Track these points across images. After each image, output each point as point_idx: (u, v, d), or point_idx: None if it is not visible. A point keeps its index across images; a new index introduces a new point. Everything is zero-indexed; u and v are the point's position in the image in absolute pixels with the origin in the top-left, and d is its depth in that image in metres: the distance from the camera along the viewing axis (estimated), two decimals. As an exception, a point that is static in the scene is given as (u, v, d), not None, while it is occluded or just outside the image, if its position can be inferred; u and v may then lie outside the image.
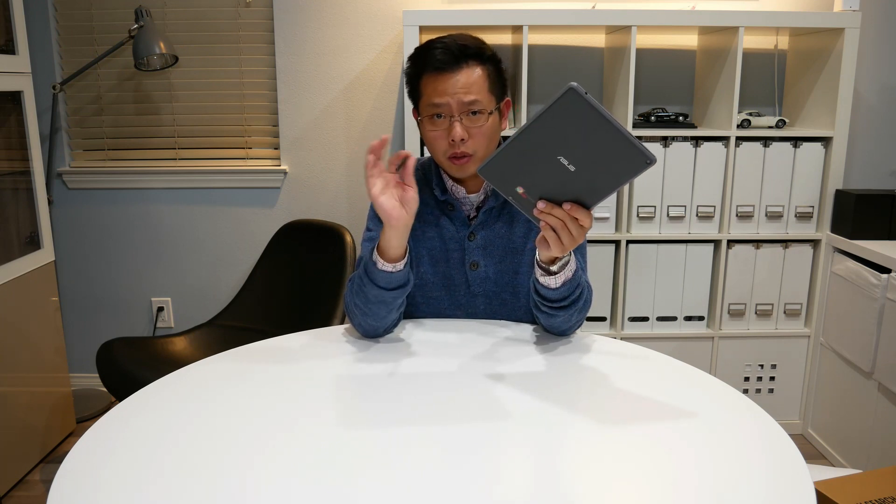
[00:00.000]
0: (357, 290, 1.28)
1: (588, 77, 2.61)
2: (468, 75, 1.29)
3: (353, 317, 1.32)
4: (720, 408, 1.03)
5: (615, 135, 0.97)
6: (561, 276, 1.23)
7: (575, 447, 0.91)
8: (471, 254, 1.40)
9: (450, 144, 1.30)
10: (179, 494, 0.81)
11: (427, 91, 1.31)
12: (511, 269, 1.40)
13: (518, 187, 1.07)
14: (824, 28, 2.33)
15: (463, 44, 1.29)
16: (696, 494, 0.81)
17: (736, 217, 2.41)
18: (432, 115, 1.31)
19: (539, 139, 1.01)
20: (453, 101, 1.28)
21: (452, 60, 1.28)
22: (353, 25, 2.60)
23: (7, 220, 2.21)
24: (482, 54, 1.31)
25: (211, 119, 2.70)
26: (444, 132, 1.30)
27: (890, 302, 2.04)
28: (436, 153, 1.35)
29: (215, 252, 2.79)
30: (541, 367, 1.18)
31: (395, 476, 0.85)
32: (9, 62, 2.12)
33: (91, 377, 2.88)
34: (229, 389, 1.09)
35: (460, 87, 1.28)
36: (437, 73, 1.29)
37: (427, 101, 1.31)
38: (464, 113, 1.29)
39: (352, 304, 1.31)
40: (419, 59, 1.32)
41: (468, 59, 1.29)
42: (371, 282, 1.26)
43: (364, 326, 1.31)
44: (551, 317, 1.29)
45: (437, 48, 1.29)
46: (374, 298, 1.26)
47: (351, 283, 1.32)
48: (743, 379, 2.52)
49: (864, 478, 1.40)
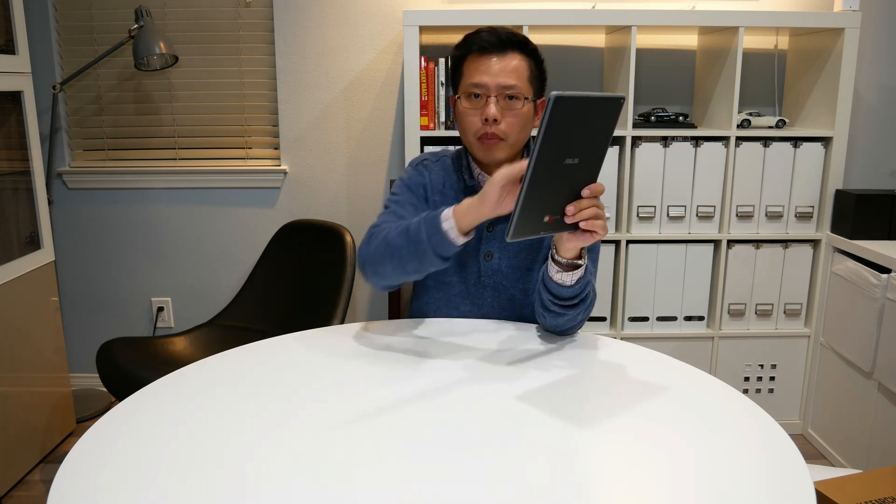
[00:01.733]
0: (400, 245, 1.24)
1: (588, 77, 2.61)
2: (510, 60, 1.33)
3: (372, 259, 1.29)
4: (720, 408, 1.03)
5: (596, 103, 1.01)
6: (577, 272, 1.23)
7: (574, 447, 0.91)
8: (487, 244, 1.41)
9: (483, 123, 1.33)
10: (179, 494, 0.81)
11: (468, 71, 1.35)
12: (524, 266, 1.41)
13: (544, 217, 1.08)
14: (824, 28, 2.33)
15: (510, 32, 1.35)
16: (695, 494, 0.81)
17: (736, 217, 2.41)
18: (470, 94, 1.34)
19: (546, 165, 1.01)
20: (492, 82, 1.31)
21: (498, 44, 1.33)
22: (353, 25, 2.60)
23: (7, 220, 2.21)
24: (526, 46, 1.35)
25: (211, 119, 2.70)
26: (478, 111, 1.33)
27: (890, 302, 2.04)
28: (466, 133, 1.37)
29: (215, 252, 2.79)
30: (540, 367, 1.18)
31: (396, 476, 0.85)
32: (9, 62, 2.12)
33: (91, 377, 2.88)
34: (229, 389, 1.09)
35: (501, 69, 1.32)
36: (480, 55, 1.33)
37: (467, 80, 1.35)
38: (500, 95, 1.32)
39: (381, 251, 1.27)
40: (466, 42, 1.36)
41: (513, 47, 1.33)
42: (428, 243, 1.21)
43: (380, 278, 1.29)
44: (558, 316, 1.29)
45: (484, 32, 1.34)
46: (421, 257, 1.22)
47: (387, 232, 1.27)
48: (743, 379, 2.52)
49: (864, 478, 1.40)
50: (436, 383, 1.11)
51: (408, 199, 1.43)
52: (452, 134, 2.33)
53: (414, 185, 1.45)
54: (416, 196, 1.44)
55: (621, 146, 2.36)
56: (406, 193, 1.44)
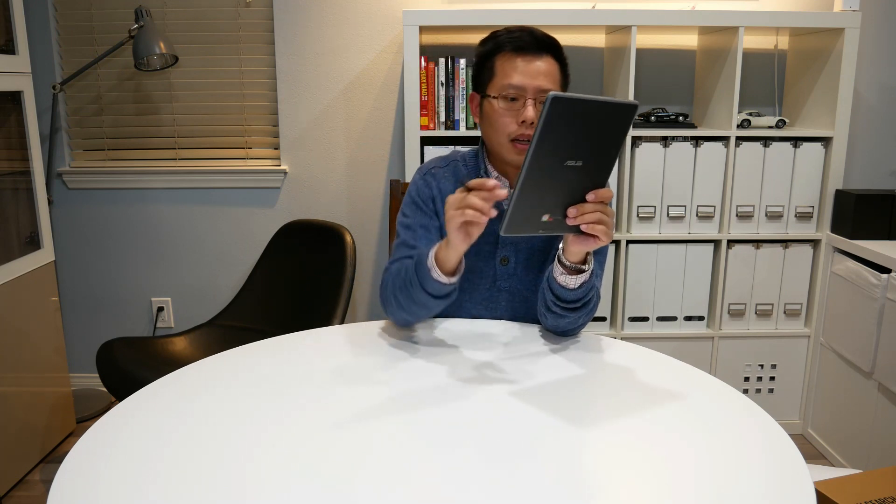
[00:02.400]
0: (401, 287, 1.27)
1: (588, 77, 2.61)
2: (548, 64, 1.31)
3: (390, 307, 1.31)
4: (720, 408, 1.03)
5: (602, 107, 1.00)
6: (581, 276, 1.23)
7: (574, 447, 0.91)
8: (503, 248, 1.40)
9: (518, 125, 1.31)
10: (179, 494, 0.81)
11: (504, 70, 1.32)
12: (536, 268, 1.40)
13: (543, 217, 1.07)
14: (824, 28, 2.33)
15: (544, 33, 1.33)
16: (695, 494, 0.81)
17: (736, 217, 2.41)
18: (507, 96, 1.31)
19: (543, 164, 1.01)
20: (530, 85, 1.30)
21: (536, 46, 1.31)
22: (353, 25, 2.60)
23: (7, 220, 2.21)
24: (560, 52, 1.34)
25: (211, 119, 2.70)
26: (514, 113, 1.31)
27: (890, 302, 2.04)
28: (499, 134, 1.34)
29: (215, 252, 2.79)
30: (540, 367, 1.18)
31: (397, 477, 0.85)
32: (9, 62, 2.12)
33: (91, 377, 2.88)
34: (229, 389, 1.09)
35: (540, 72, 1.30)
36: (518, 54, 1.31)
37: (504, 80, 1.31)
38: (537, 99, 1.31)
39: (391, 296, 1.30)
40: (497, 38, 1.34)
41: (549, 50, 1.32)
42: (421, 287, 1.24)
43: (399, 320, 1.32)
44: (561, 318, 1.29)
45: (517, 31, 1.32)
46: (419, 301, 1.25)
47: (393, 275, 1.30)
48: (743, 379, 2.52)
49: (864, 478, 1.40)
50: (436, 383, 1.11)
51: (418, 222, 1.40)
52: (452, 134, 2.33)
53: (422, 201, 1.42)
54: (426, 213, 1.41)
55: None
56: (416, 214, 1.41)
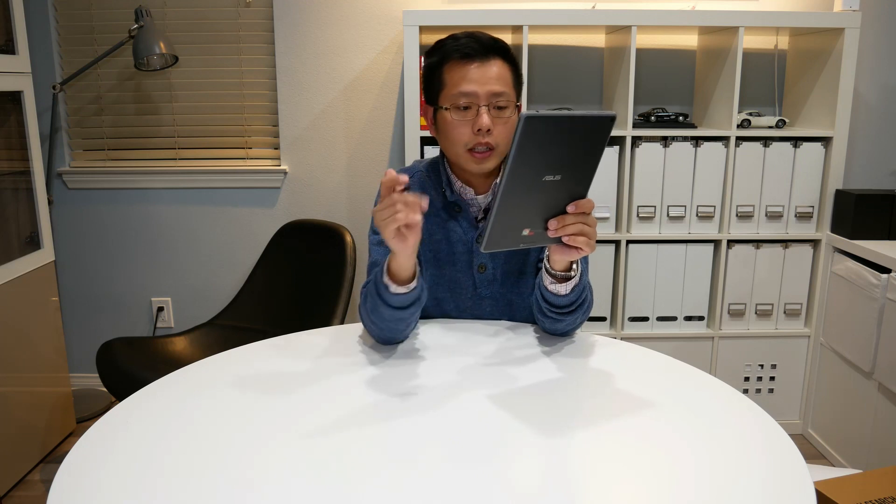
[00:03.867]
0: (372, 308, 1.24)
1: (588, 77, 2.61)
2: (495, 67, 1.27)
3: (369, 327, 1.28)
4: (720, 408, 1.03)
5: (578, 122, 1.00)
6: (570, 282, 1.23)
7: (574, 447, 0.91)
8: (479, 257, 1.38)
9: (474, 134, 1.27)
10: (179, 494, 0.81)
11: (453, 80, 1.27)
12: (516, 270, 1.39)
13: (523, 231, 1.07)
14: (824, 28, 2.33)
15: (491, 37, 1.29)
16: (695, 494, 0.81)
17: (736, 217, 2.41)
18: (458, 106, 1.27)
19: (520, 182, 1.01)
20: (482, 91, 1.26)
21: (482, 50, 1.26)
22: (353, 25, 2.60)
23: (7, 220, 2.21)
24: (508, 52, 1.31)
25: (211, 119, 2.70)
26: (468, 122, 1.27)
27: (890, 302, 2.04)
28: (455, 145, 1.30)
29: (215, 252, 2.79)
30: (540, 367, 1.18)
31: (396, 476, 0.85)
32: (9, 62, 2.12)
33: (91, 377, 2.88)
34: (229, 389, 1.09)
35: (490, 77, 1.26)
36: (465, 62, 1.27)
37: (453, 90, 1.27)
38: (491, 104, 1.27)
39: (367, 318, 1.27)
40: (443, 48, 1.29)
41: (497, 53, 1.28)
42: (385, 303, 1.21)
43: (381, 338, 1.28)
44: (557, 322, 1.29)
45: (463, 38, 1.28)
46: (390, 317, 1.23)
47: (364, 297, 1.27)
48: (743, 379, 2.52)
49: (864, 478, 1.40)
50: (436, 384, 1.11)
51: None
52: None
53: None
54: None
55: (621, 146, 2.36)
56: None
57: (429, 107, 1.35)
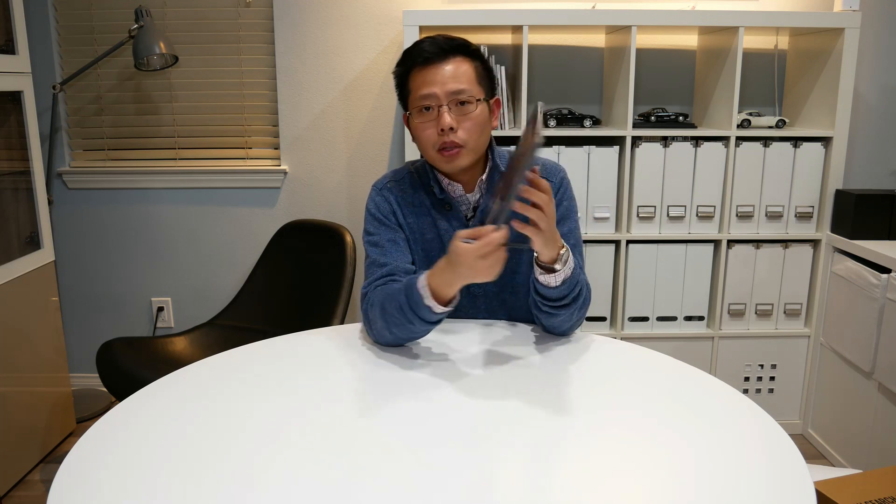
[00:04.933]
0: (398, 321, 1.23)
1: (588, 77, 2.61)
2: (455, 66, 1.30)
3: (380, 333, 1.27)
4: (720, 408, 1.03)
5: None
6: (561, 274, 1.23)
7: (575, 447, 0.91)
8: None
9: (439, 134, 1.30)
10: (179, 494, 0.81)
11: (415, 84, 1.31)
12: (509, 269, 1.39)
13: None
14: (824, 28, 2.33)
15: (449, 37, 1.32)
16: (695, 494, 0.81)
17: (736, 217, 2.40)
18: (420, 108, 1.31)
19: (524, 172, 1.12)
20: (441, 91, 1.28)
21: (440, 52, 1.30)
22: (353, 25, 2.60)
23: (7, 220, 2.21)
24: (468, 49, 1.33)
25: (211, 119, 2.70)
26: (432, 123, 1.30)
27: (890, 302, 2.04)
28: (426, 148, 1.34)
29: (215, 252, 2.79)
30: (541, 367, 1.18)
31: (395, 475, 0.85)
32: (9, 62, 2.12)
33: (91, 377, 2.88)
34: (229, 389, 1.09)
35: (447, 76, 1.29)
36: (424, 66, 1.30)
37: (415, 94, 1.31)
38: (452, 102, 1.29)
39: (382, 327, 1.25)
40: (407, 57, 1.34)
41: (455, 52, 1.31)
42: (422, 320, 1.21)
43: (392, 343, 1.28)
44: (552, 316, 1.29)
45: (423, 43, 1.31)
46: (422, 331, 1.24)
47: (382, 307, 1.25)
48: (743, 379, 2.52)
49: (864, 478, 1.40)
50: (435, 384, 1.11)
51: (385, 237, 1.38)
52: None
53: (384, 215, 1.40)
54: (390, 227, 1.40)
55: (621, 146, 2.36)
56: (380, 230, 1.39)
57: (405, 115, 1.38)
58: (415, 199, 1.41)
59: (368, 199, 1.44)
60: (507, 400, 1.05)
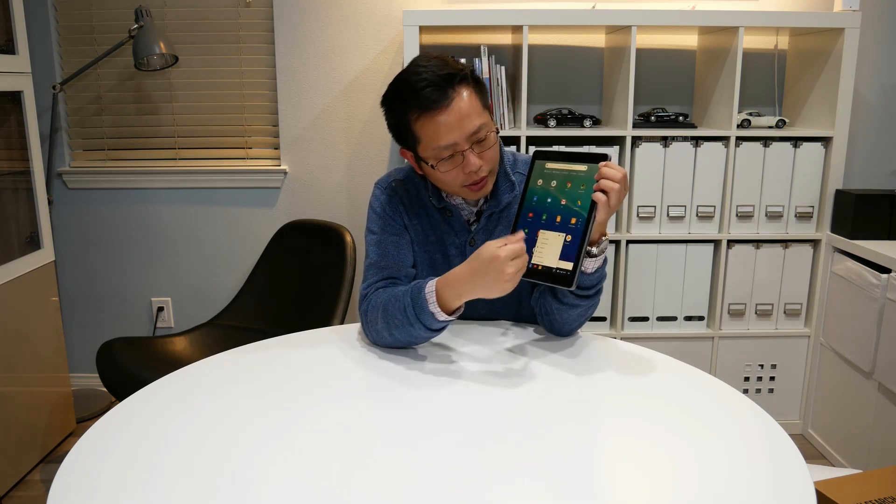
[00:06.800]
0: (399, 325, 1.22)
1: (588, 77, 2.61)
2: (461, 103, 1.22)
3: (381, 336, 1.26)
4: (720, 408, 1.03)
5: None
6: (599, 259, 1.23)
7: (575, 447, 0.91)
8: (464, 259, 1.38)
9: (467, 175, 1.26)
10: (179, 494, 0.81)
11: (427, 135, 1.23)
12: None
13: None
14: (824, 28, 2.33)
15: (443, 73, 1.22)
16: (695, 494, 0.81)
17: (736, 217, 2.41)
18: (442, 158, 1.24)
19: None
20: (460, 137, 1.22)
21: (442, 94, 1.21)
22: (353, 25, 2.60)
23: (7, 220, 2.21)
24: (463, 74, 1.24)
25: (211, 119, 2.70)
26: (458, 168, 1.25)
27: (890, 302, 2.04)
28: (449, 186, 1.30)
29: (215, 252, 2.79)
30: (540, 367, 1.18)
31: (396, 477, 0.85)
32: (9, 62, 2.12)
33: (91, 377, 2.88)
34: (229, 389, 1.09)
35: (461, 116, 1.22)
36: (432, 113, 1.21)
37: (432, 144, 1.23)
38: (473, 143, 1.24)
39: (384, 330, 1.25)
40: (402, 101, 1.24)
41: (455, 86, 1.22)
42: (425, 327, 1.20)
43: (391, 346, 1.27)
44: (572, 308, 1.28)
45: (422, 86, 1.21)
46: (425, 337, 1.24)
47: (384, 310, 1.25)
48: (743, 379, 2.52)
49: (864, 478, 1.40)
50: (436, 384, 1.11)
51: (389, 238, 1.36)
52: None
53: (389, 216, 1.38)
54: (395, 227, 1.38)
55: (621, 146, 2.36)
56: (385, 231, 1.37)
57: (406, 150, 1.31)
58: (418, 200, 1.40)
59: (373, 198, 1.41)
60: (507, 400, 1.05)
